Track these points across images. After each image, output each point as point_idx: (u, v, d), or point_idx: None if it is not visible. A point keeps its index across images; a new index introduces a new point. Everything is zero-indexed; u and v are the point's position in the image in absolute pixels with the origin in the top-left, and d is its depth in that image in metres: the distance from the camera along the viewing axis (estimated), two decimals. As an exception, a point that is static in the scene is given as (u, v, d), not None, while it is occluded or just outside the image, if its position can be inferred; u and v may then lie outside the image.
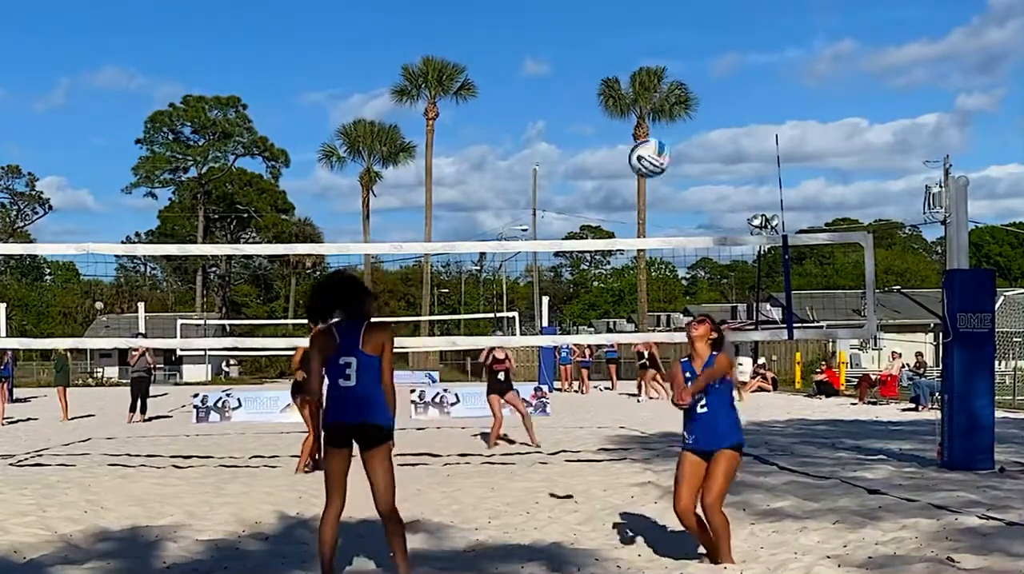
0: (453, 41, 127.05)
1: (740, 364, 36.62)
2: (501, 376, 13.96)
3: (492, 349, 14.16)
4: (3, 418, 19.76)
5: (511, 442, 14.35)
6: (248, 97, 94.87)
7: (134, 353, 20.57)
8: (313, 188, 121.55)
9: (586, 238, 73.14)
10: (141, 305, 43.82)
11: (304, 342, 10.18)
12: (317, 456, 10.84)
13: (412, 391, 21.07)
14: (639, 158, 10.41)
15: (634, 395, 26.03)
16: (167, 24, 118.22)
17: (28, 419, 20.63)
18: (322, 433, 5.92)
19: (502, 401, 13.99)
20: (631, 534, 7.45)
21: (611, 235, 69.97)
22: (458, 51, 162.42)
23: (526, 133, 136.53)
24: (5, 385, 20.64)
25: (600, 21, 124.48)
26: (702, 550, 6.50)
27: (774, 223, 36.53)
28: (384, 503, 5.88)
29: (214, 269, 79.76)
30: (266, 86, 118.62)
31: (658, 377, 25.45)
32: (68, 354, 22.34)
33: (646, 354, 25.85)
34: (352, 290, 5.84)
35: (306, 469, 11.21)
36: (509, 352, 14.42)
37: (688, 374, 6.35)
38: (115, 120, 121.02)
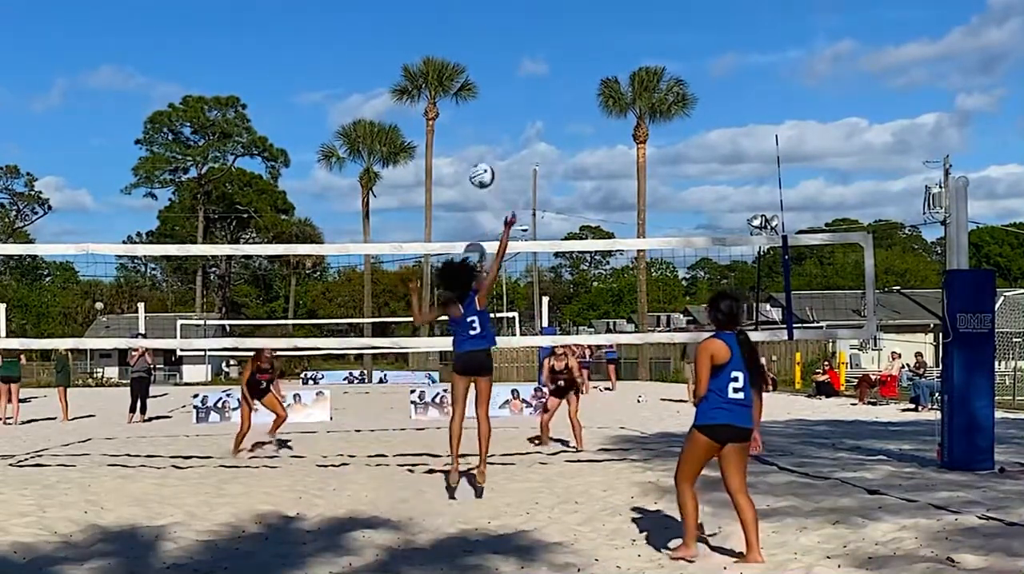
0: (451, 41, 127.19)
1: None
2: (561, 382, 13.97)
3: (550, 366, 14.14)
4: (4, 418, 19.76)
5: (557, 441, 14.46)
6: (246, 97, 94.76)
7: (134, 353, 20.57)
8: (312, 188, 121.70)
9: (586, 238, 73.12)
10: (141, 305, 43.78)
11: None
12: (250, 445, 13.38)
13: (412, 391, 21.09)
14: (475, 180, 10.83)
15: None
16: (165, 24, 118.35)
17: (30, 421, 20.60)
18: None
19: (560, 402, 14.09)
20: (631, 534, 7.45)
21: (611, 235, 69.93)
22: (456, 51, 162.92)
23: (525, 133, 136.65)
24: (12, 387, 20.64)
25: (599, 21, 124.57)
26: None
27: (774, 223, 36.51)
28: (480, 408, 9.22)
29: (214, 269, 79.79)
30: (264, 86, 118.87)
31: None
32: (68, 354, 22.32)
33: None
34: (467, 274, 9.35)
35: (240, 451, 13.07)
36: (568, 352, 14.15)
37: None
38: (113, 120, 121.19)
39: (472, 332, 9.14)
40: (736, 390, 6.28)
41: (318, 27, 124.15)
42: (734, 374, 6.28)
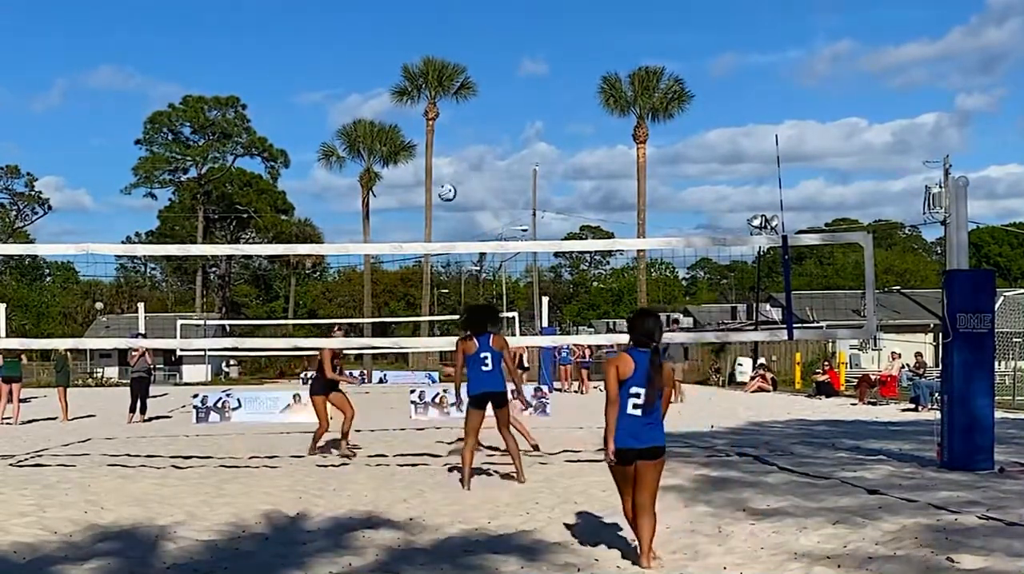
0: (451, 41, 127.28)
1: (740, 364, 36.75)
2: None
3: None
4: (3, 418, 19.76)
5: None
6: (245, 97, 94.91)
7: (134, 353, 20.55)
8: (311, 188, 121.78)
9: (586, 238, 73.12)
10: (141, 305, 43.78)
11: (321, 342, 13.72)
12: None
13: (412, 391, 21.08)
14: (443, 197, 11.60)
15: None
16: (162, 23, 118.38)
17: (30, 421, 20.60)
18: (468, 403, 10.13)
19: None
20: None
21: (611, 235, 69.92)
22: (456, 51, 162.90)
23: (524, 133, 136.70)
24: (13, 387, 20.65)
25: (598, 21, 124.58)
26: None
27: (774, 223, 36.53)
28: (503, 430, 10.32)
29: (214, 269, 79.79)
30: (263, 86, 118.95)
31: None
32: (68, 354, 22.31)
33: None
34: (489, 315, 10.47)
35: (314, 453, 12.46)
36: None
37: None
38: (112, 120, 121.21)
39: (484, 368, 9.96)
40: (635, 406, 6.31)
41: (317, 27, 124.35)
42: (634, 390, 6.31)
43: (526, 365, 31.02)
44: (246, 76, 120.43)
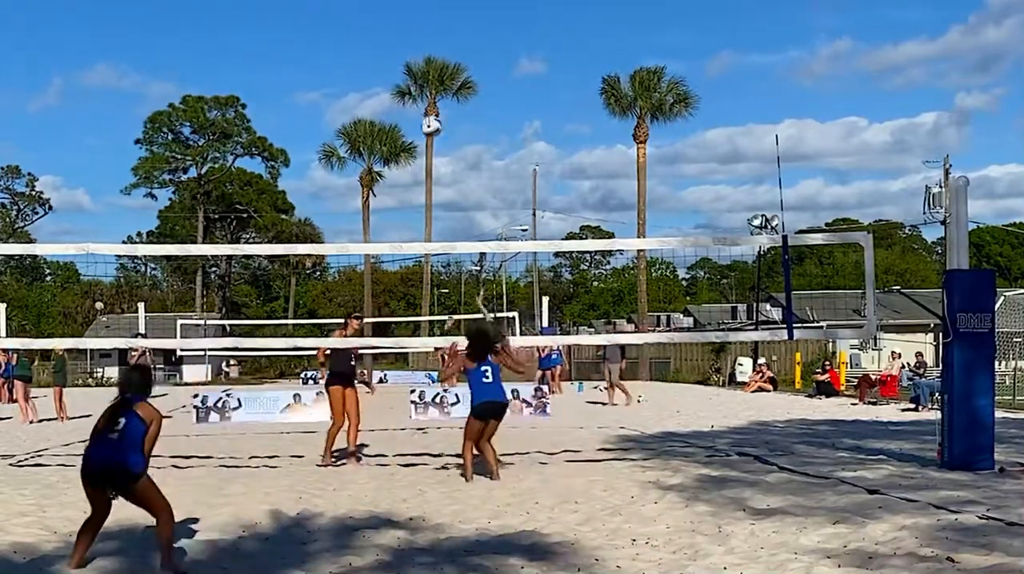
0: (447, 40, 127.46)
1: (740, 364, 36.77)
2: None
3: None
4: (27, 420, 19.76)
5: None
6: (241, 96, 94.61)
7: (134, 353, 20.57)
8: (309, 188, 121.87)
9: (586, 238, 73.11)
10: (141, 305, 43.84)
11: (322, 342, 13.46)
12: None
13: (412, 391, 21.08)
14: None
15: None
16: (158, 21, 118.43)
17: (30, 421, 20.59)
18: None
19: None
20: (631, 534, 7.45)
21: (611, 235, 69.91)
22: (454, 50, 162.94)
23: (522, 133, 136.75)
24: (25, 386, 20.73)
25: (595, 20, 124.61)
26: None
27: (774, 223, 36.56)
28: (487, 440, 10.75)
29: (214, 269, 79.83)
30: (260, 84, 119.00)
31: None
32: (65, 354, 22.35)
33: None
34: (493, 341, 10.99)
35: (332, 460, 12.07)
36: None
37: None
38: (108, 119, 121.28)
39: (485, 380, 10.61)
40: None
41: (314, 26, 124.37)
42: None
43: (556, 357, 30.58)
44: (243, 75, 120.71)
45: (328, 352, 12.61)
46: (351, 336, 12.41)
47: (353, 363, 12.64)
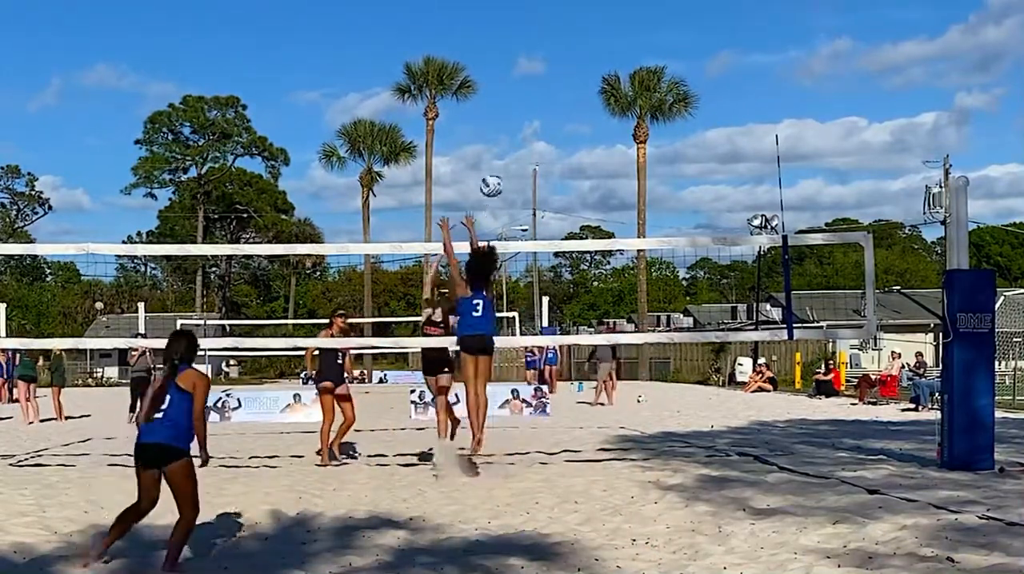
0: (446, 39, 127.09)
1: (740, 364, 36.78)
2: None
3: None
4: (27, 421, 19.77)
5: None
6: (240, 95, 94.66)
7: (134, 353, 20.55)
8: (309, 188, 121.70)
9: (586, 238, 73.09)
10: (141, 305, 43.72)
11: (310, 342, 13.39)
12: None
13: (412, 391, 21.07)
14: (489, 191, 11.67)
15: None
16: (158, 21, 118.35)
17: (30, 421, 20.59)
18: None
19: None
20: (631, 534, 7.45)
21: (611, 235, 69.88)
22: (452, 50, 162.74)
23: (522, 133, 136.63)
24: (31, 386, 20.74)
25: (595, 20, 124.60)
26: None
27: (774, 223, 36.56)
28: (479, 384, 10.50)
29: (214, 269, 79.81)
30: (259, 84, 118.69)
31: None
32: (63, 355, 22.35)
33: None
34: (493, 263, 10.78)
35: (330, 461, 12.01)
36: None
37: None
38: (107, 119, 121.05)
39: (475, 314, 10.27)
40: None
41: (312, 25, 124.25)
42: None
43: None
44: (243, 75, 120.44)
45: (316, 353, 12.72)
46: (337, 336, 12.48)
47: (341, 362, 12.67)
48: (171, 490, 6.53)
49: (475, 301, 10.36)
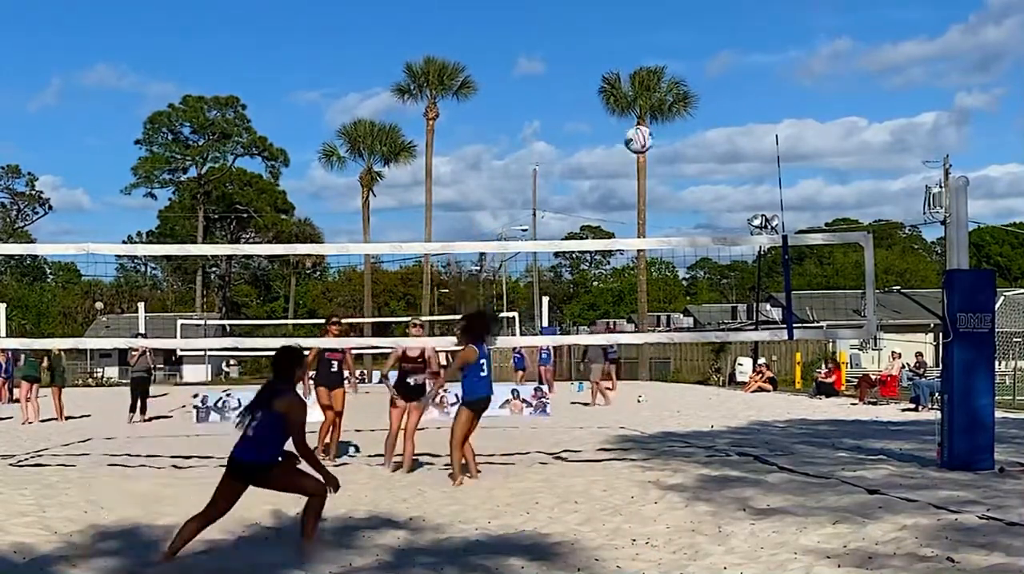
0: (446, 39, 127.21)
1: (740, 364, 36.78)
2: (411, 381, 11.48)
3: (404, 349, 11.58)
4: (26, 421, 19.76)
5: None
6: (240, 95, 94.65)
7: (134, 353, 20.56)
8: (309, 188, 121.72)
9: (586, 238, 73.10)
10: (141, 305, 43.82)
11: (319, 342, 12.93)
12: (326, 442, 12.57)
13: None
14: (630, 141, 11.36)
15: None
16: (158, 21, 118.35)
17: (30, 421, 20.59)
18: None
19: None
20: (631, 534, 7.45)
21: (611, 235, 69.88)
22: (452, 50, 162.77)
23: (522, 132, 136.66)
24: (34, 386, 20.74)
25: (595, 20, 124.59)
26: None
27: (774, 223, 36.56)
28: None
29: (214, 269, 79.82)
30: (259, 84, 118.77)
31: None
32: (62, 355, 22.34)
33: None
34: (491, 323, 11.03)
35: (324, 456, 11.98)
36: (429, 352, 11.69)
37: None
38: (107, 119, 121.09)
39: (482, 374, 10.24)
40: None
41: (312, 25, 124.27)
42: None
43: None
44: (241, 75, 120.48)
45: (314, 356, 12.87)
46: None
47: (335, 370, 12.83)
48: (283, 491, 6.95)
49: (481, 361, 10.22)
